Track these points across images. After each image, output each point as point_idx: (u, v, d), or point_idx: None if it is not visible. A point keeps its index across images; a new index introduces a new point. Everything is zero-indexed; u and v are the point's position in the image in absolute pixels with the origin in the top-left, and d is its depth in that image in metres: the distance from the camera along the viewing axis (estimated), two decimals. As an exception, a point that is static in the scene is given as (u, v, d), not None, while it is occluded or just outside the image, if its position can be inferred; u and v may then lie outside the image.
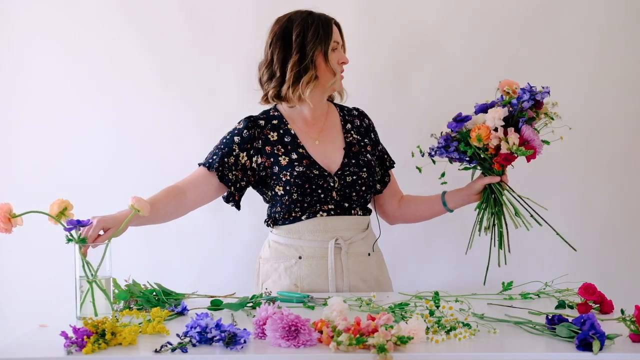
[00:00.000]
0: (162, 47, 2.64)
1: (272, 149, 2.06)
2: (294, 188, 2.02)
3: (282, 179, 2.03)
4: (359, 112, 2.23)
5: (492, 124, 1.94)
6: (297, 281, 2.04)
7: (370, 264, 2.11)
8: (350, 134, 2.15)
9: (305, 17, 2.06)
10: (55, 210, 1.67)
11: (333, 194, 2.04)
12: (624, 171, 2.65)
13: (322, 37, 2.04)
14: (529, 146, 1.95)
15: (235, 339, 1.39)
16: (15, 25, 2.63)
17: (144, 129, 2.65)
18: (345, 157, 2.09)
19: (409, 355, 1.35)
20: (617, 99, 2.64)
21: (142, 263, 2.59)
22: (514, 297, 1.85)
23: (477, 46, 2.64)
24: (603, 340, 1.35)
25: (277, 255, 2.08)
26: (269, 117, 2.13)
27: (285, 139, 2.08)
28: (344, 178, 2.05)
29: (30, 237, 2.40)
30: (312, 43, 2.03)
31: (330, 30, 2.06)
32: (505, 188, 2.04)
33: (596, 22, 2.62)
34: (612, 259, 2.66)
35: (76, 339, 1.40)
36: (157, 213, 1.92)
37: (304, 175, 2.02)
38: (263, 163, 2.06)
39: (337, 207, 2.06)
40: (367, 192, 2.10)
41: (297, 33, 2.04)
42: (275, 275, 2.07)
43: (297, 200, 2.03)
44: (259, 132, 2.09)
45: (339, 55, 2.08)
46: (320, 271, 2.04)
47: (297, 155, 2.05)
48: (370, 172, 2.09)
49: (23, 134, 2.66)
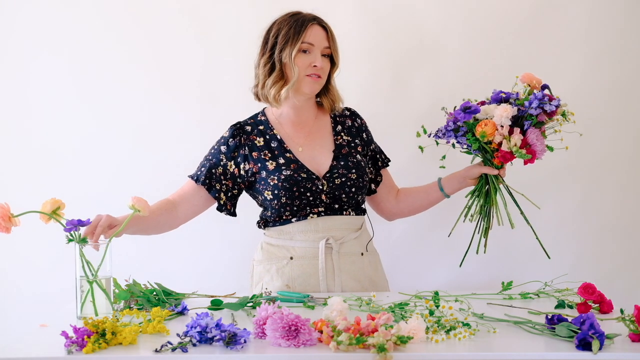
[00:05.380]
0: (162, 47, 2.64)
1: (259, 155, 2.06)
2: (282, 192, 2.01)
3: (270, 184, 2.02)
4: (351, 112, 2.21)
5: (499, 121, 1.95)
6: (289, 282, 2.04)
7: (363, 264, 2.10)
8: (340, 136, 2.14)
9: (287, 17, 2.05)
10: (48, 209, 1.67)
11: (322, 197, 2.04)
12: (624, 171, 2.65)
13: (292, 37, 2.01)
14: (530, 150, 1.95)
15: (235, 339, 1.39)
16: (15, 25, 2.63)
17: (144, 130, 2.65)
18: (334, 159, 2.08)
19: (409, 355, 1.35)
20: (617, 98, 2.64)
21: (142, 263, 2.59)
22: (514, 296, 1.85)
23: (477, 46, 2.64)
24: (602, 339, 1.35)
25: (269, 256, 2.08)
26: (255, 122, 2.13)
27: (272, 144, 2.08)
28: (332, 180, 2.04)
29: (30, 237, 2.41)
30: (281, 43, 2.02)
31: (303, 30, 2.01)
32: (500, 182, 2.04)
33: (596, 21, 2.62)
34: (612, 259, 2.66)
35: (76, 338, 1.40)
36: (149, 224, 1.97)
37: (292, 178, 2.01)
38: (251, 169, 2.06)
39: (328, 209, 2.05)
40: (358, 193, 2.08)
41: (273, 33, 2.05)
42: (267, 277, 2.07)
43: (287, 204, 2.03)
44: (245, 139, 2.09)
45: (312, 58, 2.02)
46: (312, 271, 2.03)
47: (285, 160, 2.05)
48: (359, 173, 2.08)
49: (22, 134, 2.66)
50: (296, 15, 2.05)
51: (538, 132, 1.97)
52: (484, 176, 2.06)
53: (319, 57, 2.04)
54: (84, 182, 2.64)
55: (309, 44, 2.02)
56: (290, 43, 2.01)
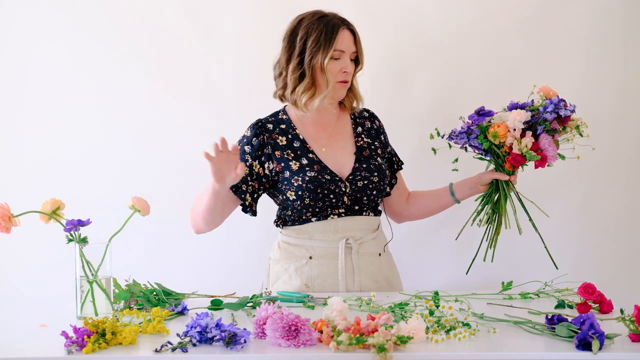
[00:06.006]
0: (162, 47, 2.64)
1: (281, 154, 2.04)
2: (306, 193, 2.00)
3: (293, 184, 2.01)
4: (370, 114, 2.21)
5: (512, 124, 1.97)
6: (308, 281, 2.03)
7: (381, 264, 2.10)
8: (361, 138, 2.13)
9: (315, 20, 2.01)
10: (48, 209, 1.67)
11: (344, 199, 2.03)
12: (624, 171, 2.65)
13: (323, 44, 1.98)
14: (541, 154, 1.97)
15: (235, 339, 1.39)
16: (15, 25, 2.63)
17: (144, 130, 2.65)
18: (356, 161, 2.07)
19: (409, 355, 1.35)
20: (617, 100, 2.64)
21: (142, 263, 2.59)
22: (514, 296, 1.85)
23: (477, 46, 2.64)
24: (602, 339, 1.35)
25: (287, 255, 2.07)
26: (277, 121, 2.10)
27: (295, 144, 2.06)
28: (355, 183, 2.03)
29: (30, 237, 2.41)
30: (311, 49, 1.99)
31: (334, 37, 1.99)
32: (511, 189, 2.05)
33: (598, 22, 2.62)
34: (612, 259, 2.66)
35: (76, 338, 1.40)
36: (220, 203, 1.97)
37: (316, 180, 2.00)
38: (274, 168, 2.03)
39: (348, 210, 2.05)
40: (378, 195, 2.09)
41: (301, 36, 2.00)
42: (285, 276, 2.07)
43: (309, 205, 2.01)
44: (267, 137, 2.06)
45: (342, 64, 2.01)
46: (332, 271, 2.03)
47: (308, 161, 2.03)
48: (381, 177, 2.08)
49: (22, 134, 2.66)
50: (324, 19, 2.01)
51: (551, 139, 1.99)
52: (495, 183, 2.07)
53: (349, 62, 2.03)
54: (84, 182, 2.63)
55: (340, 51, 2.00)
56: (322, 50, 1.98)
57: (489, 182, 2.08)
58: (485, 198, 2.08)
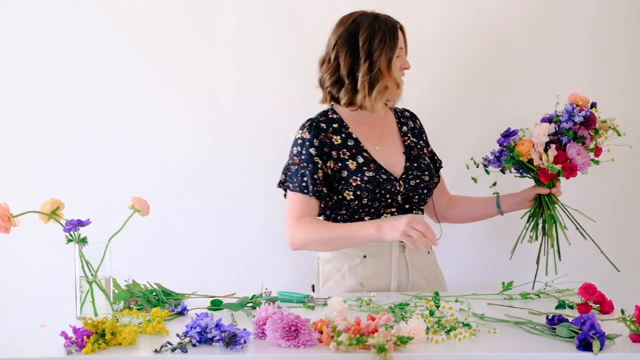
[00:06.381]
0: (163, 47, 2.63)
1: (338, 154, 2.02)
2: (364, 193, 1.99)
3: (352, 184, 1.99)
4: (411, 114, 2.22)
5: (537, 140, 2.01)
6: (363, 280, 2.02)
7: (430, 262, 2.12)
8: (408, 137, 2.14)
9: (372, 21, 2.00)
10: (47, 209, 1.67)
11: (398, 198, 2.03)
12: (624, 170, 2.65)
13: (389, 44, 1.99)
14: (569, 164, 2.01)
15: (235, 339, 1.39)
16: (15, 24, 2.63)
17: (144, 130, 2.65)
18: (407, 160, 2.07)
19: (409, 355, 1.35)
20: (619, 99, 2.63)
21: (142, 263, 2.58)
22: (514, 297, 1.85)
23: (477, 46, 2.64)
24: (603, 340, 1.35)
25: (339, 254, 2.06)
26: (328, 120, 2.08)
27: (349, 142, 2.04)
28: (408, 182, 2.04)
29: (29, 237, 2.40)
30: (379, 50, 1.98)
31: (397, 36, 2.01)
32: (555, 201, 2.09)
33: (600, 22, 2.61)
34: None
35: (76, 339, 1.40)
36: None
37: (374, 180, 1.99)
38: (333, 168, 2.02)
39: (399, 209, 2.05)
40: (429, 194, 2.10)
41: (364, 39, 1.98)
42: (338, 276, 2.06)
43: (366, 205, 2.01)
44: (324, 137, 2.04)
45: (402, 62, 2.04)
46: (385, 269, 2.03)
47: (363, 160, 2.02)
48: (431, 175, 2.09)
49: (22, 134, 2.65)
50: (380, 19, 2.01)
51: (579, 147, 2.02)
52: (539, 198, 2.11)
53: (406, 59, 2.07)
54: (83, 182, 2.63)
55: (400, 49, 2.03)
56: (388, 50, 1.99)
57: (534, 198, 2.12)
58: (532, 214, 2.12)
